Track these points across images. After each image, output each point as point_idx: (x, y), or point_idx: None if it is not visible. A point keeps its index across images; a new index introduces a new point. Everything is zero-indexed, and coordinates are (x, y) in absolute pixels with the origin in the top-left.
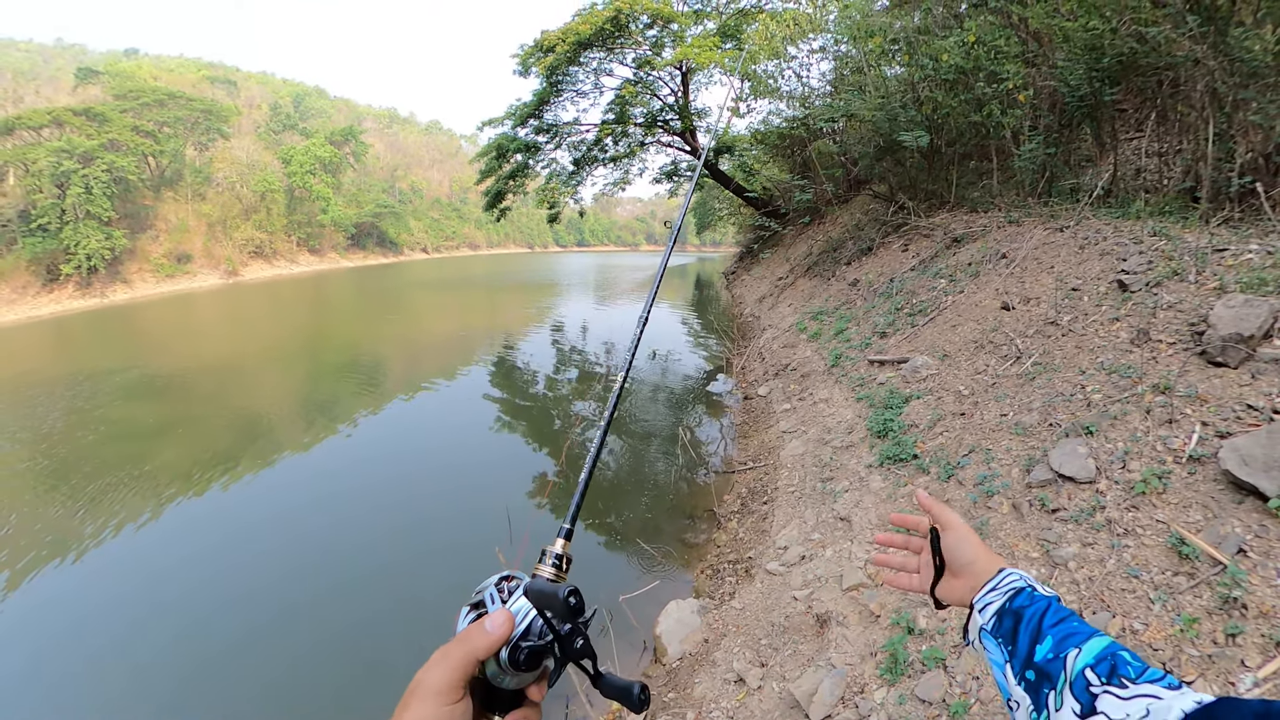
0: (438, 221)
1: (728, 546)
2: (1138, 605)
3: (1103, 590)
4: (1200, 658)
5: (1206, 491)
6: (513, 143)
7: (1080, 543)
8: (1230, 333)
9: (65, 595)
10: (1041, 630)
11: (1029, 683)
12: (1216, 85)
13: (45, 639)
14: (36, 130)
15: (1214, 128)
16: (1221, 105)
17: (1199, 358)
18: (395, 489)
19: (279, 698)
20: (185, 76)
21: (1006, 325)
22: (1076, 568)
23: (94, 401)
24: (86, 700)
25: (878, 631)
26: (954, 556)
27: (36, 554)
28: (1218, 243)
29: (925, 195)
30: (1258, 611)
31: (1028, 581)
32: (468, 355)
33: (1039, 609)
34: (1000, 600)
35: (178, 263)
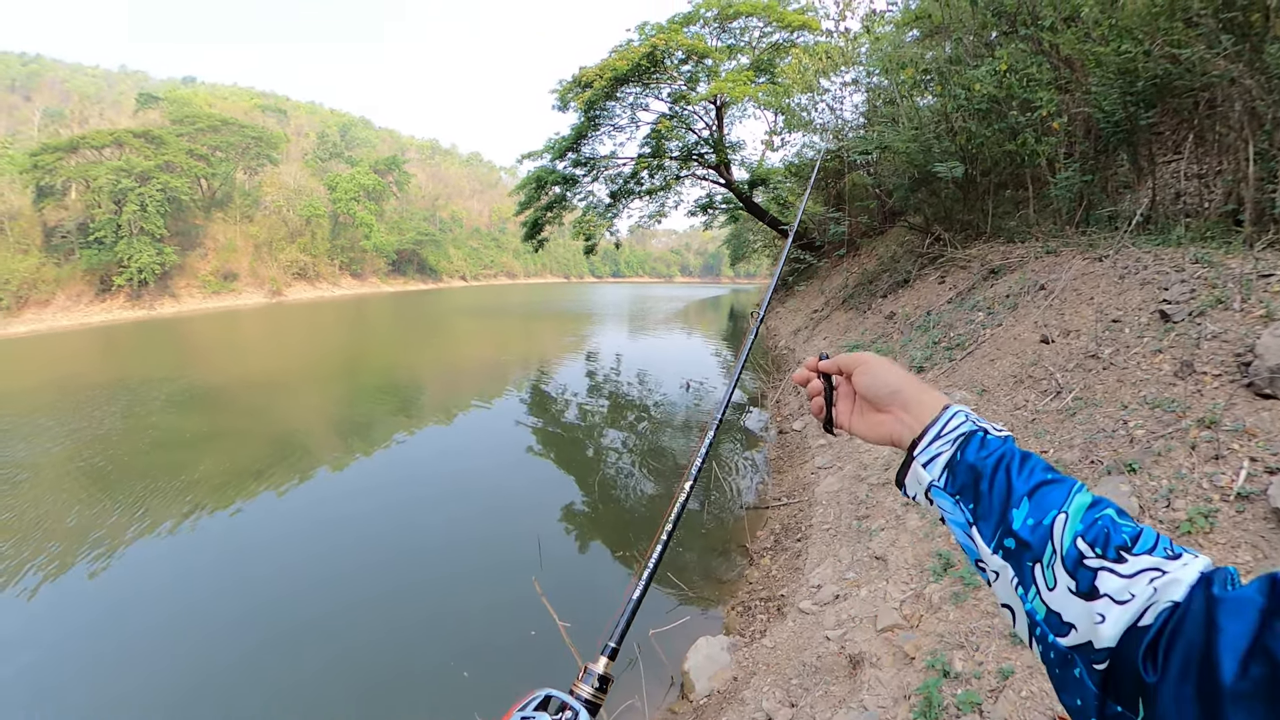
0: (476, 250)
1: (760, 583)
2: None
3: None
4: None
5: (1256, 530)
6: (551, 175)
7: None
8: (1278, 363)
9: (82, 591)
10: (1012, 488)
11: (1008, 551)
12: (1255, 104)
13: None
14: (98, 150)
15: (1254, 147)
16: (1261, 123)
17: (1246, 390)
18: (427, 511)
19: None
20: (238, 104)
21: (1046, 359)
22: None
23: (142, 409)
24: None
25: (912, 674)
26: (871, 388)
27: (71, 551)
28: (1263, 268)
29: (961, 226)
30: None
31: (974, 421)
32: (503, 381)
33: (999, 460)
34: (949, 450)
35: (224, 280)
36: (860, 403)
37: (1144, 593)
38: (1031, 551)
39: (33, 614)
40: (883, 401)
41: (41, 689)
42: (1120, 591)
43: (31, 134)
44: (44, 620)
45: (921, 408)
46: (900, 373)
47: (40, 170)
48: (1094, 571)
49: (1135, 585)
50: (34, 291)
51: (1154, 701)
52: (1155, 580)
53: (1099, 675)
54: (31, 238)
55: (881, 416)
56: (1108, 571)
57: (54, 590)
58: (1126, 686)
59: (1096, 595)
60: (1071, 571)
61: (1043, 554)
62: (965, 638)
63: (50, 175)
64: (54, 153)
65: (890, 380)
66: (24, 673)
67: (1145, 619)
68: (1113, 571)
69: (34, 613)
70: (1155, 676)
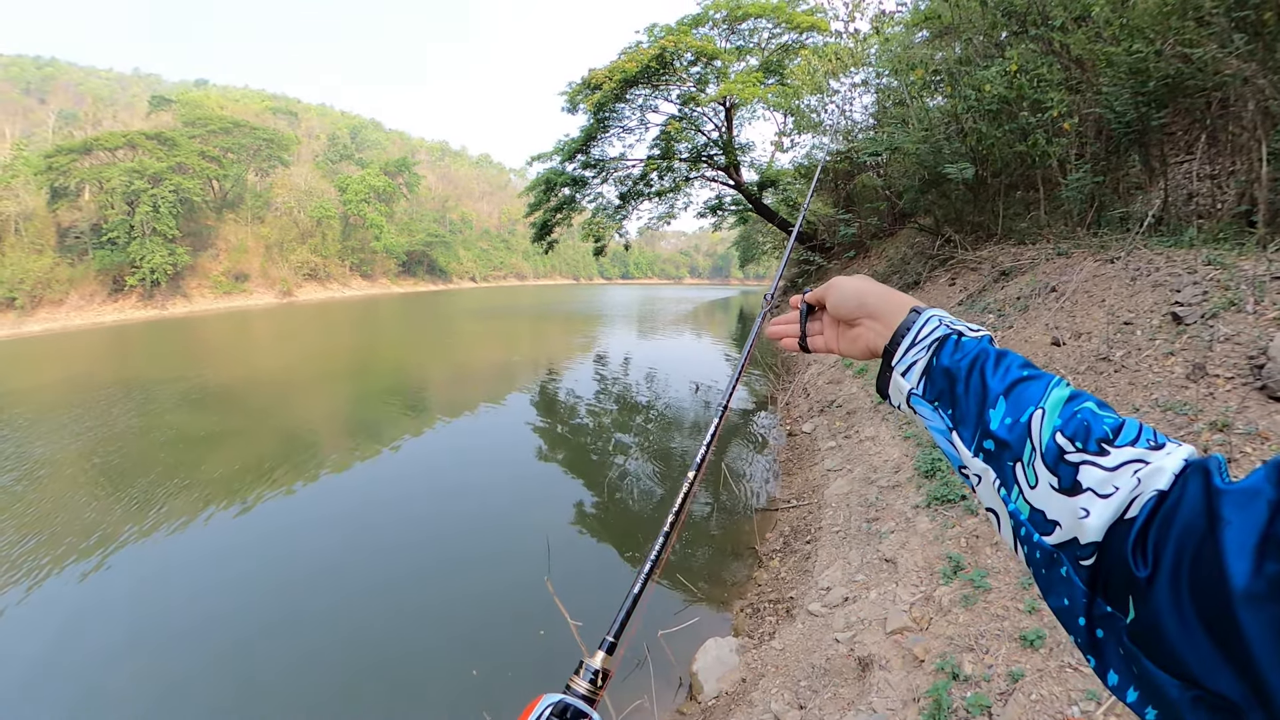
0: (486, 252)
1: (769, 585)
2: None
3: None
4: None
5: None
6: (560, 177)
7: None
8: None
9: (66, 595)
10: (987, 388)
11: (988, 453)
12: (1268, 103)
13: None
14: (112, 151)
15: (1268, 147)
16: (1275, 123)
17: (1259, 392)
18: (436, 513)
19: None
20: (250, 106)
21: (1057, 361)
22: None
23: (152, 407)
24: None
25: (921, 677)
26: (840, 305)
27: (81, 545)
28: (1276, 269)
29: (971, 228)
30: None
31: (949, 324)
32: (512, 383)
33: (974, 361)
34: (925, 357)
35: (235, 281)
36: (839, 326)
37: (1128, 484)
38: (1011, 451)
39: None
40: (853, 315)
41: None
42: (1103, 484)
43: (46, 136)
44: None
45: (889, 313)
46: (865, 284)
47: (54, 172)
48: (1075, 466)
49: (1118, 477)
50: (48, 291)
51: (1146, 599)
52: (1139, 471)
53: (1086, 572)
54: (46, 238)
55: (856, 330)
56: (1089, 465)
57: (97, 577)
58: (1116, 582)
59: (1079, 490)
60: (1052, 467)
61: (1022, 452)
62: (975, 640)
63: (64, 176)
64: (68, 154)
65: (855, 293)
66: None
67: (1131, 511)
68: (1094, 464)
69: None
70: (1146, 570)
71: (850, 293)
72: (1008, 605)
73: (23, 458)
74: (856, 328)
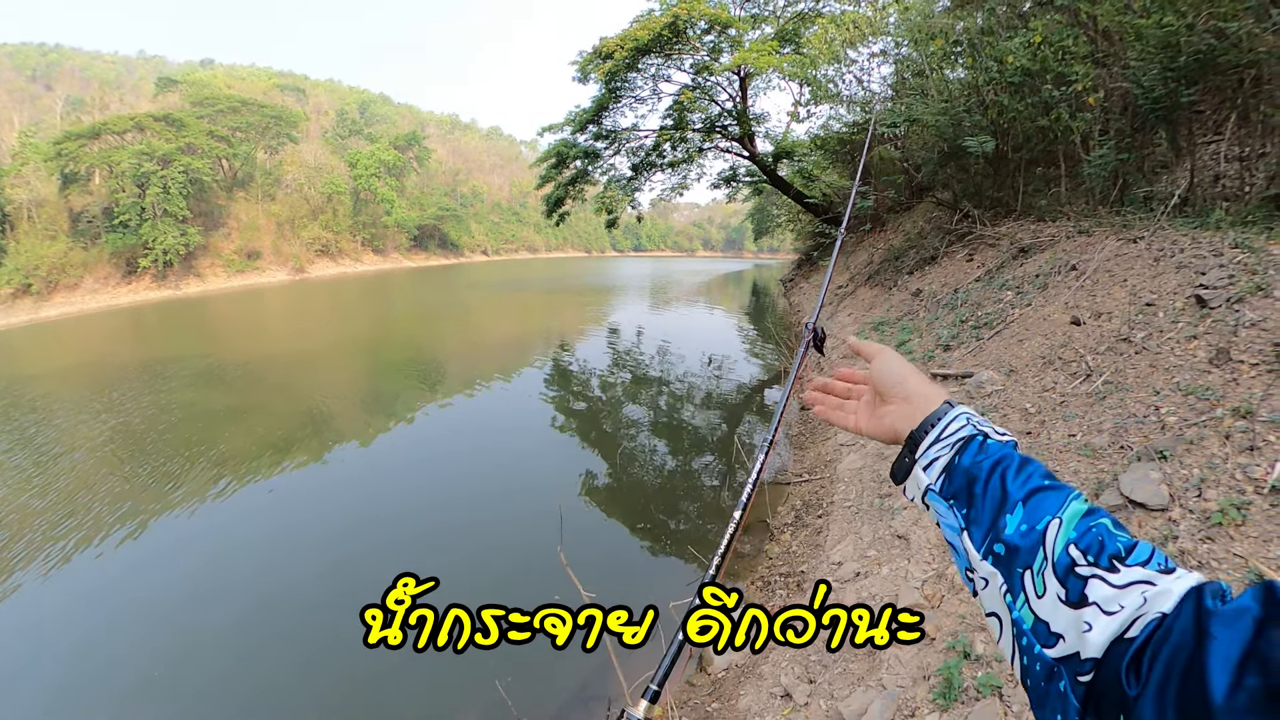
0: (497, 225)
1: (780, 559)
2: None
3: None
4: None
5: None
6: (572, 149)
7: None
8: None
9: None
10: (1007, 494)
11: (998, 557)
12: None
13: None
14: (120, 135)
15: None
16: None
17: None
18: (452, 484)
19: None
20: (257, 84)
21: (1076, 341)
22: None
23: (170, 385)
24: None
25: (932, 655)
26: (883, 375)
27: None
28: None
29: (990, 203)
30: None
31: (976, 425)
32: (525, 356)
33: (996, 464)
34: (947, 455)
35: (247, 259)
36: (873, 397)
37: (1133, 603)
38: (1022, 557)
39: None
40: (890, 390)
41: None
42: (1109, 601)
43: (54, 122)
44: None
45: (924, 399)
46: (910, 367)
47: (64, 157)
48: (1085, 579)
49: (1126, 596)
50: (63, 276)
51: (1132, 716)
52: (1146, 592)
53: (1083, 689)
54: (58, 224)
55: (886, 408)
56: (1099, 579)
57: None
58: (1108, 702)
59: (1085, 603)
60: (1062, 579)
61: (1033, 560)
62: (986, 620)
63: (74, 162)
64: (76, 139)
65: (900, 372)
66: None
67: (1132, 630)
68: (1104, 580)
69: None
70: (1136, 689)
71: (896, 369)
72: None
73: (62, 436)
74: (887, 406)
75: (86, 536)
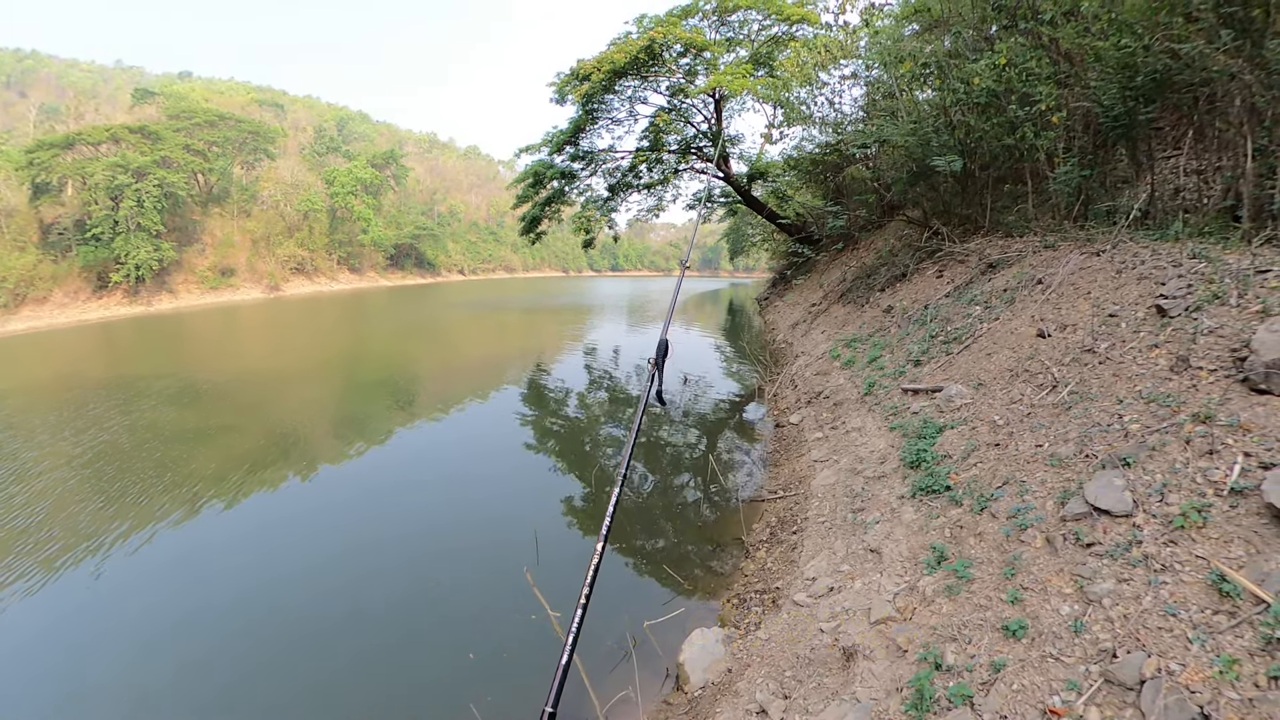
0: (474, 244)
1: (755, 576)
2: (1175, 645)
3: (1139, 629)
4: (1240, 701)
5: (1249, 526)
6: (549, 169)
7: (1116, 579)
8: (1274, 358)
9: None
10: None
11: None
12: (1255, 100)
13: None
14: (95, 146)
15: (1254, 143)
16: (1261, 120)
17: (1241, 385)
18: (425, 509)
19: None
20: (235, 99)
21: (1042, 353)
22: (1111, 605)
23: (137, 405)
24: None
25: (905, 666)
26: None
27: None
28: (1260, 263)
29: (959, 220)
30: None
31: None
32: (500, 376)
33: None
34: None
35: (222, 276)
36: None
37: None
38: None
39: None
40: None
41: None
42: None
43: (27, 130)
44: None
45: None
46: None
47: (36, 167)
48: None
49: None
50: (31, 289)
51: None
52: None
53: None
54: (28, 235)
55: None
56: None
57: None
58: None
59: None
60: None
61: None
62: (958, 630)
63: (46, 172)
64: (50, 149)
65: None
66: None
67: None
68: None
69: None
70: None
71: None
72: (990, 595)
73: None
74: None
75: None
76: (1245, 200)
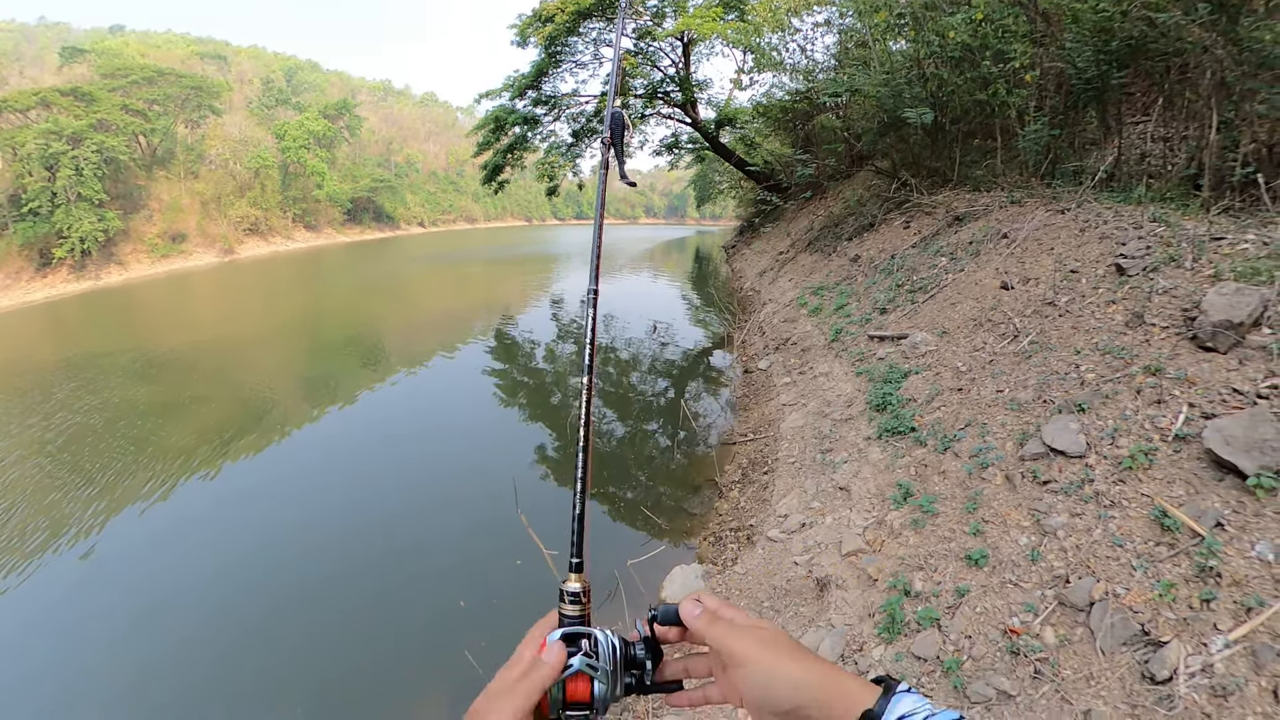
0: (434, 195)
1: (729, 515)
2: (1121, 571)
3: (1089, 558)
4: (1176, 620)
5: (1190, 469)
6: (510, 115)
7: (1069, 513)
8: (1221, 319)
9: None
10: None
11: None
12: (1225, 74)
13: None
14: (23, 113)
15: (1220, 116)
16: (1229, 94)
17: (1190, 342)
18: (404, 466)
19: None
20: (174, 52)
21: (1005, 304)
22: (1065, 536)
23: (104, 384)
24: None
25: (875, 594)
26: (766, 703)
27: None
28: (1216, 231)
29: (928, 173)
30: (1231, 580)
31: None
32: (467, 330)
33: None
34: None
35: (172, 242)
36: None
37: None
38: None
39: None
40: (783, 715)
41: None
42: None
43: None
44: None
45: (833, 712)
46: (799, 669)
47: None
48: None
49: None
50: None
51: None
52: None
53: None
54: None
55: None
56: None
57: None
58: None
59: None
60: None
61: None
62: (924, 560)
63: None
64: None
65: (789, 691)
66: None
67: None
68: None
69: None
70: None
71: (784, 685)
72: (954, 528)
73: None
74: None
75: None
76: (1207, 170)
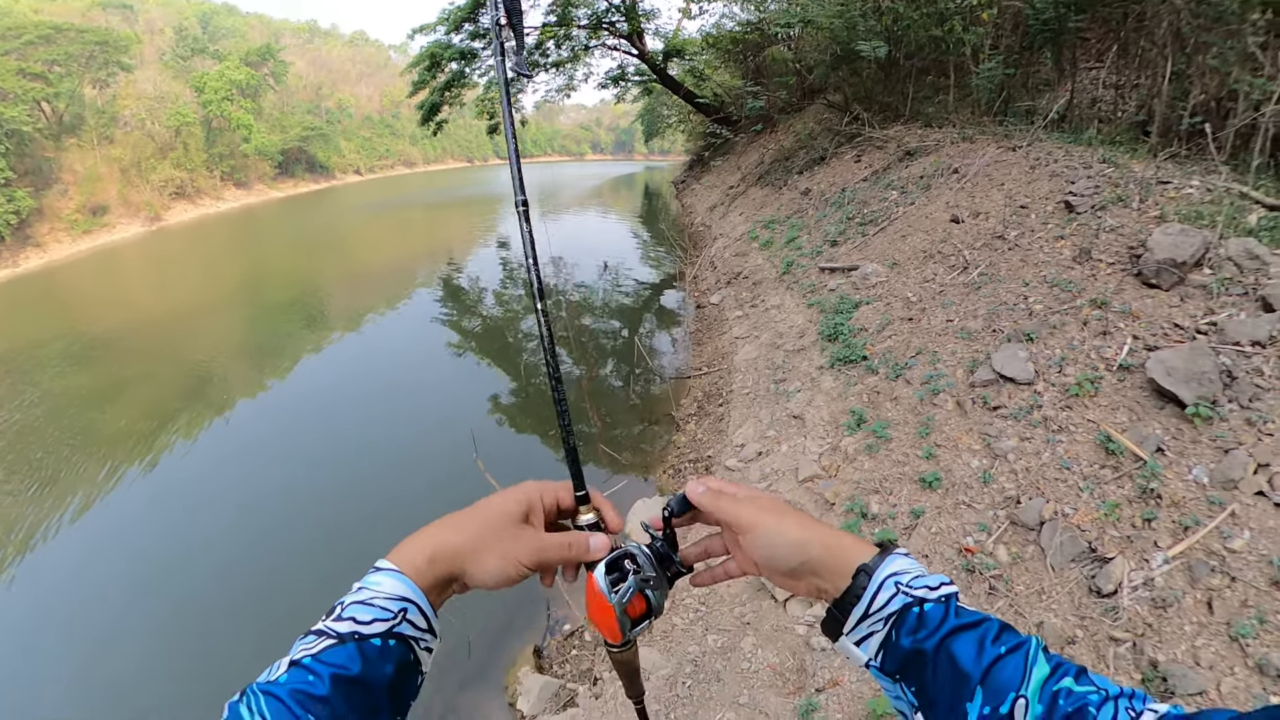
0: (369, 140)
1: (687, 447)
2: (1068, 493)
3: (1038, 479)
4: (1120, 539)
5: (1133, 397)
6: (447, 50)
7: (1019, 437)
8: (1165, 258)
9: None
10: (961, 675)
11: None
12: (1181, 26)
13: None
14: None
15: (1172, 67)
16: (1183, 46)
17: (1134, 278)
18: (361, 426)
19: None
20: (72, 5)
21: (955, 237)
22: (1015, 459)
23: (41, 374)
24: None
25: (834, 517)
26: (773, 560)
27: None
28: (1162, 175)
29: (880, 107)
30: (1170, 501)
31: (906, 588)
32: (411, 281)
33: (941, 641)
34: (881, 630)
35: (93, 216)
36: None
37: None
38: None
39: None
40: (790, 573)
41: None
42: None
43: None
44: None
45: (834, 571)
46: (802, 529)
47: None
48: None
49: None
50: None
51: None
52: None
53: None
54: None
55: (794, 584)
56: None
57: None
58: None
59: None
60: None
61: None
62: (880, 484)
63: None
64: None
65: (794, 546)
66: None
67: None
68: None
69: None
70: None
71: (786, 545)
72: (908, 452)
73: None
74: (799, 580)
75: None
76: (1157, 118)
